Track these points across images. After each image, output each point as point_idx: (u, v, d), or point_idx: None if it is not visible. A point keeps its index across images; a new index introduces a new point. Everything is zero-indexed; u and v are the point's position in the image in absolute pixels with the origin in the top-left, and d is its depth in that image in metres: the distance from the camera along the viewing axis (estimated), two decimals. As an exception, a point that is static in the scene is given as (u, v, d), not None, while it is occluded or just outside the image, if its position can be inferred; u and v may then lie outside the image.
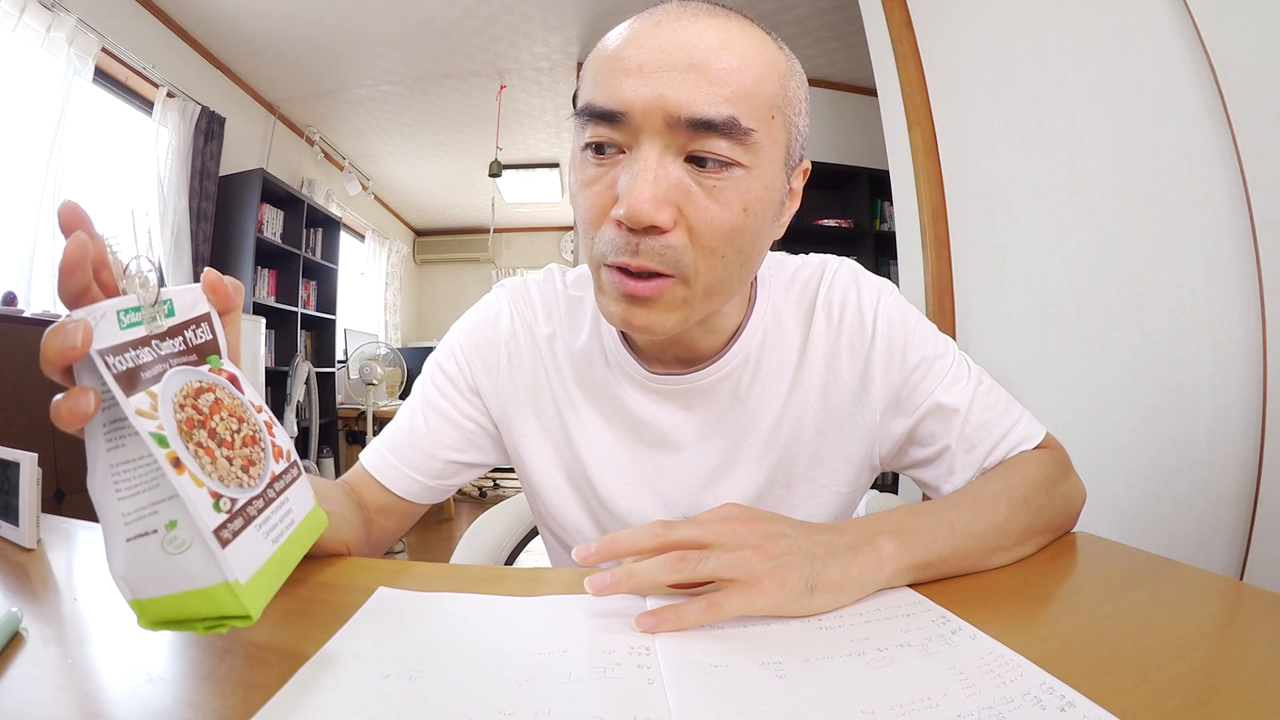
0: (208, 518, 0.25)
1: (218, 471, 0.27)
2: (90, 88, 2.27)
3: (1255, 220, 0.89)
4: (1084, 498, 0.52)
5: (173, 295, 0.30)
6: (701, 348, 0.53)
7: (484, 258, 5.71)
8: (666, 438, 0.55)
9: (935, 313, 1.56)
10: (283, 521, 0.30)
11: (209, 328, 0.32)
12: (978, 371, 0.55)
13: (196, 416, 0.28)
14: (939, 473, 0.53)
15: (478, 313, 0.61)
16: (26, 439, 0.51)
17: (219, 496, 0.26)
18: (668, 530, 0.37)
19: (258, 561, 0.27)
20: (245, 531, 0.27)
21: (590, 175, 0.43)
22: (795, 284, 0.57)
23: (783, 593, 0.34)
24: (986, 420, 0.52)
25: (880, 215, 3.11)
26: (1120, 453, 1.10)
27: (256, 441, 0.30)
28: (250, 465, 0.29)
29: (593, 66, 0.44)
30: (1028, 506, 0.45)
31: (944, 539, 0.40)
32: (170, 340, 0.29)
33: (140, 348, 0.27)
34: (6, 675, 0.29)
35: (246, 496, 0.28)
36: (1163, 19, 1.01)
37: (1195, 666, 0.29)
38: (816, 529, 0.39)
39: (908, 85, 1.65)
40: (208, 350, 0.31)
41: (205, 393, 0.29)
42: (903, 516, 0.42)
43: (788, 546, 0.36)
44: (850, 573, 0.36)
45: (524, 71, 3.20)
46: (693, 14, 0.41)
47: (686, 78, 0.39)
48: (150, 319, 0.28)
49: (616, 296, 0.44)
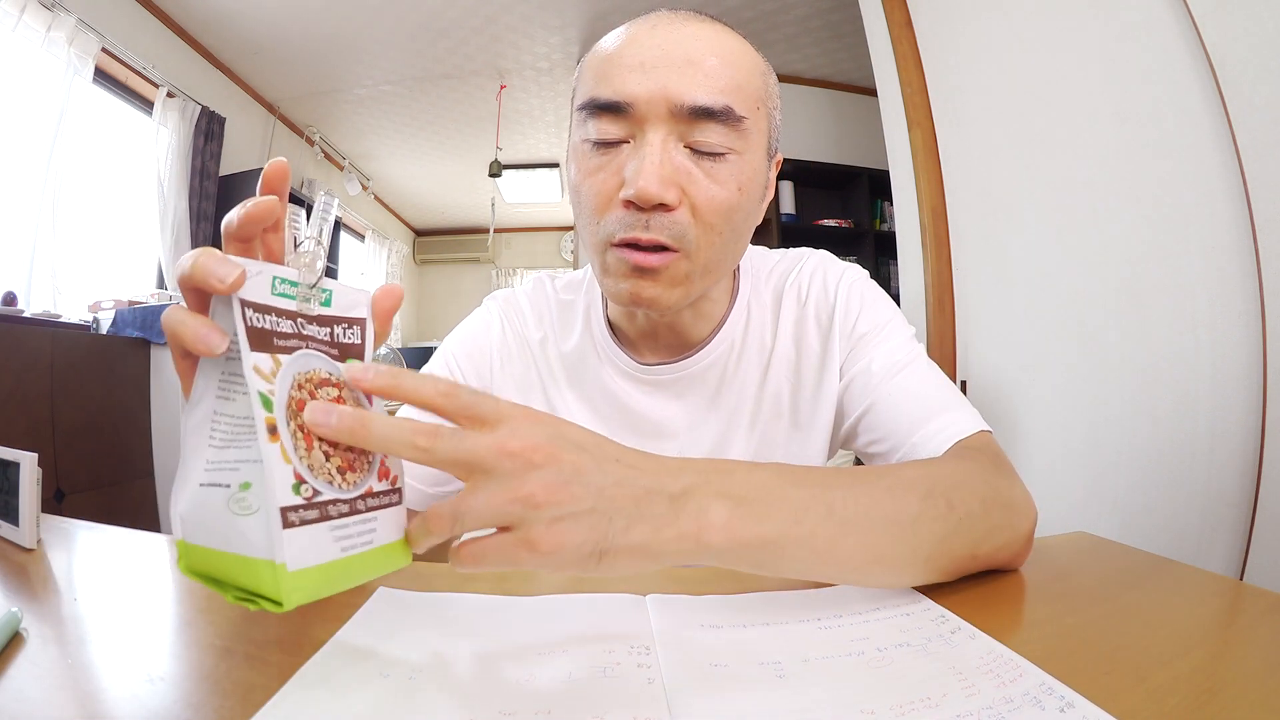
0: (281, 494, 0.25)
1: (309, 460, 0.26)
2: (90, 88, 2.27)
3: (1255, 220, 0.89)
4: (1035, 516, 0.43)
5: (334, 288, 0.30)
6: (691, 334, 0.55)
7: (484, 258, 5.70)
8: (660, 428, 0.57)
9: (935, 313, 1.56)
10: (361, 537, 0.28)
11: (360, 333, 0.31)
12: (922, 356, 0.54)
13: (311, 402, 0.27)
14: (863, 441, 0.53)
15: (469, 324, 0.64)
16: (26, 439, 0.51)
17: (302, 481, 0.26)
18: (455, 392, 0.29)
19: (315, 559, 0.25)
20: (315, 525, 0.26)
21: (594, 164, 0.46)
22: (774, 275, 0.60)
23: (560, 554, 0.27)
24: (917, 391, 0.50)
25: (880, 215, 3.11)
26: (1120, 452, 1.10)
27: (365, 453, 0.29)
28: (348, 470, 0.28)
29: (592, 66, 0.47)
30: (952, 512, 0.36)
31: (812, 522, 0.32)
32: (317, 326, 0.29)
33: (283, 317, 0.27)
34: (6, 675, 0.29)
35: (331, 495, 0.27)
36: (1163, 19, 1.01)
37: (1195, 666, 0.29)
38: (636, 464, 0.31)
39: (908, 85, 1.65)
40: (352, 353, 0.30)
41: (330, 386, 0.28)
42: (767, 478, 0.33)
43: (581, 491, 0.28)
44: (662, 534, 0.29)
45: (524, 71, 3.20)
46: (684, 19, 0.46)
47: (685, 71, 0.43)
48: (304, 298, 0.28)
49: (624, 273, 0.46)
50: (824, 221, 3.09)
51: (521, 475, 0.27)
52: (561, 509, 0.27)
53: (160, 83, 2.56)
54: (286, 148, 3.67)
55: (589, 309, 0.59)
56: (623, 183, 0.44)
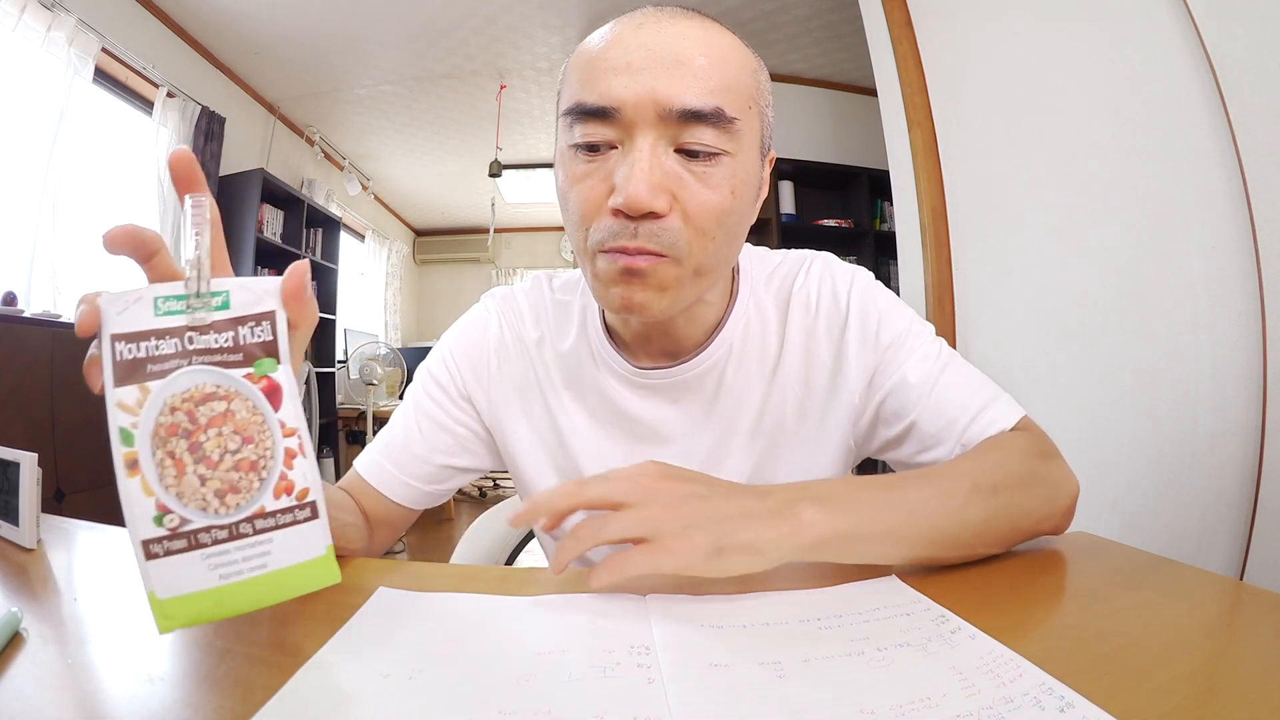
0: (141, 528, 0.25)
1: (179, 487, 0.26)
2: (90, 88, 2.27)
3: (1255, 220, 0.89)
4: (1075, 490, 0.48)
5: (231, 287, 0.28)
6: (686, 339, 0.54)
7: (484, 258, 5.70)
8: (656, 432, 0.56)
9: (935, 313, 1.56)
10: (247, 562, 0.27)
11: (270, 327, 0.29)
12: (951, 354, 0.54)
13: (185, 425, 0.27)
14: (910, 450, 0.53)
15: (467, 321, 0.63)
16: (26, 439, 0.51)
17: (166, 511, 0.26)
18: (580, 490, 0.37)
19: (187, 588, 0.26)
20: (183, 555, 0.26)
21: (581, 171, 0.45)
22: (775, 278, 0.58)
23: (690, 554, 0.34)
24: (957, 395, 0.51)
25: (880, 215, 3.11)
26: (1120, 452, 1.10)
27: (255, 469, 0.27)
28: (229, 492, 0.27)
29: (577, 68, 0.46)
30: (995, 497, 0.42)
31: (879, 513, 0.39)
32: (215, 335, 0.28)
33: (164, 338, 0.27)
34: (6, 675, 0.29)
35: (204, 522, 0.26)
36: (1163, 19, 1.01)
37: (1195, 666, 0.29)
38: (738, 491, 0.39)
39: (908, 85, 1.65)
40: (264, 352, 0.28)
41: (215, 400, 0.27)
42: (838, 485, 0.41)
43: (699, 508, 0.36)
44: (765, 535, 0.36)
45: (524, 71, 3.20)
46: (670, 16, 0.44)
47: (674, 73, 0.42)
48: (194, 308, 0.27)
49: (614, 278, 0.45)
50: (824, 221, 3.09)
51: (648, 502, 0.36)
52: (684, 521, 0.35)
53: (160, 83, 2.56)
54: (286, 148, 3.67)
55: (585, 310, 0.59)
56: (611, 189, 0.43)
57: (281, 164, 3.56)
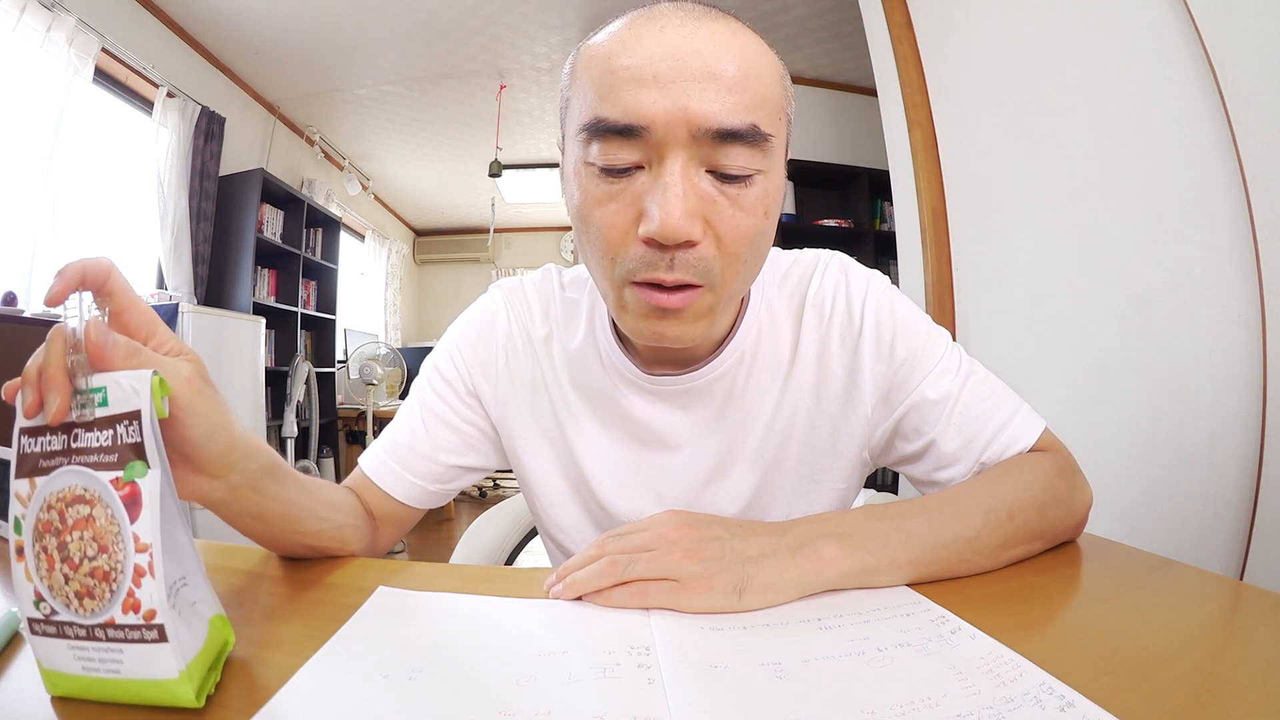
0: (27, 608, 0.27)
1: (49, 581, 0.27)
2: (90, 88, 2.27)
3: (1255, 220, 0.89)
4: (1089, 501, 0.49)
5: (108, 383, 0.27)
6: (698, 347, 0.52)
7: (484, 258, 5.70)
8: (663, 438, 0.55)
9: (935, 313, 1.56)
10: (105, 664, 0.27)
11: (137, 428, 0.27)
12: (970, 364, 0.53)
13: (56, 524, 0.27)
14: (927, 468, 0.52)
15: (474, 314, 0.60)
16: (26, 439, 0.50)
17: (41, 599, 0.27)
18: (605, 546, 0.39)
19: (62, 667, 0.27)
20: (55, 639, 0.27)
21: (604, 193, 0.41)
22: (788, 281, 0.56)
23: (710, 594, 0.35)
24: (977, 413, 0.50)
25: (880, 215, 3.11)
26: (1120, 452, 1.10)
27: (108, 579, 0.26)
28: (86, 596, 0.26)
29: (591, 74, 0.41)
30: (1011, 522, 0.42)
31: (898, 546, 0.39)
32: (96, 433, 0.27)
33: (57, 434, 0.27)
34: (6, 675, 0.29)
35: (68, 617, 0.27)
36: (1163, 19, 1.01)
37: (1195, 666, 0.29)
38: (757, 530, 0.40)
39: (908, 85, 1.65)
40: (134, 454, 0.27)
41: (80, 504, 0.27)
42: (856, 519, 0.41)
43: (719, 550, 0.37)
44: (787, 574, 0.37)
45: (524, 71, 3.20)
46: (695, 17, 0.40)
47: (706, 87, 0.38)
48: (79, 405, 0.27)
49: (645, 313, 0.43)
50: (824, 221, 3.09)
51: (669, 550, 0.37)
52: (706, 564, 0.36)
53: (160, 83, 2.56)
54: (286, 148, 3.67)
55: (593, 310, 0.56)
56: (639, 214, 0.40)
57: (281, 164, 3.56)
